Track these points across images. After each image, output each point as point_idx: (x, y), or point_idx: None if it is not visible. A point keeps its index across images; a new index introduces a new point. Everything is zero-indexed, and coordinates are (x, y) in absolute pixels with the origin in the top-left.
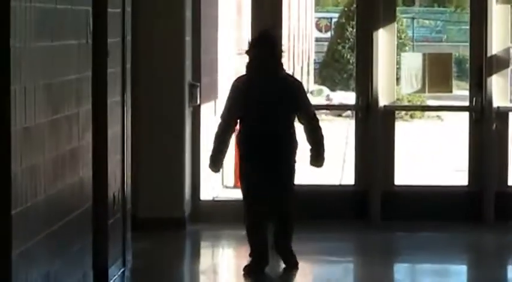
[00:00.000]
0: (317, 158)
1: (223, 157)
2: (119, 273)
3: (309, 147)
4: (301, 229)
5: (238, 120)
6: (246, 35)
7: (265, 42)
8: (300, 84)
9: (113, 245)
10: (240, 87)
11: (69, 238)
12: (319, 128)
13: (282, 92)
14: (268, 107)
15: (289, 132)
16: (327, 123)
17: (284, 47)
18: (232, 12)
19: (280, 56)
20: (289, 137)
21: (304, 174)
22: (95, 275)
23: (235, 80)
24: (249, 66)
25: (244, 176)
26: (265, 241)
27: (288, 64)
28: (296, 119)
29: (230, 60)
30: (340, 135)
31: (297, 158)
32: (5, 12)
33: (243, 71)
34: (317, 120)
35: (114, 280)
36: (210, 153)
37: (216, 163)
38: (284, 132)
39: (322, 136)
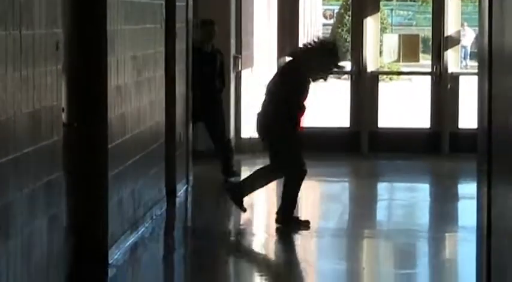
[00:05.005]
0: None
1: None
2: (184, 188)
3: None
4: (312, 159)
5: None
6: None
7: (337, 55)
8: None
9: (179, 170)
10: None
11: (148, 164)
12: None
13: None
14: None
15: None
16: (331, 83)
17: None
18: (263, 6)
19: None
20: None
21: (314, 118)
22: (167, 190)
23: (305, 76)
24: (310, 70)
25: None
26: None
27: (303, 42)
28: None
29: (261, 40)
30: (339, 92)
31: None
32: (103, 4)
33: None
34: None
35: (180, 194)
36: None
37: None
38: None
39: None
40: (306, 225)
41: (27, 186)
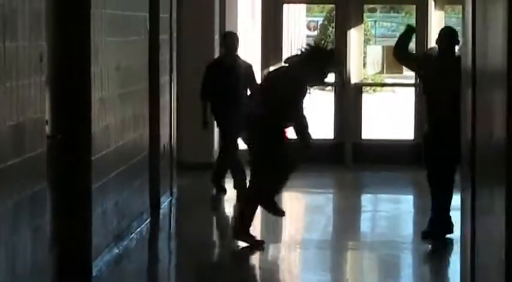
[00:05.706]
0: None
1: None
2: (168, 200)
3: None
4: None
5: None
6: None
7: (333, 56)
8: None
9: (163, 181)
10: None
11: (132, 176)
12: None
13: None
14: None
15: None
16: (314, 95)
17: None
18: (247, 18)
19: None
20: None
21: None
22: (151, 202)
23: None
24: (309, 75)
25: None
26: None
27: (287, 54)
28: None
29: (244, 51)
30: (323, 104)
31: None
32: (86, 17)
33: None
34: None
35: (164, 206)
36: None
37: None
38: None
39: None
40: (260, 245)
41: (11, 198)
